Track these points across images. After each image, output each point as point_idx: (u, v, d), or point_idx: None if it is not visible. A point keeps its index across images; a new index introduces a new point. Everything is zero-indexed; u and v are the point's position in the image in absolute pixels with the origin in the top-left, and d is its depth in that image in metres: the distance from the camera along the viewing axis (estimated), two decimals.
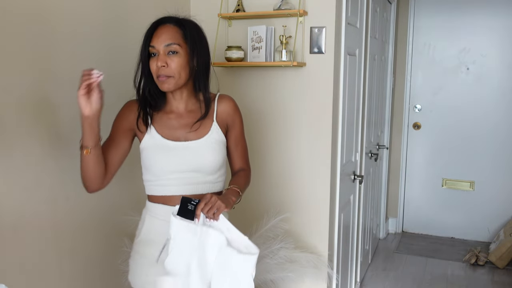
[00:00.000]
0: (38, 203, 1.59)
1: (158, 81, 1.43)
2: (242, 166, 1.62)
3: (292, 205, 2.33)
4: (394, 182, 4.38)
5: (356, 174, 2.84)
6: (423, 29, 4.17)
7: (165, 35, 1.41)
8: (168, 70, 1.40)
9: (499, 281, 3.45)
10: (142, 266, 1.49)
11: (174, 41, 1.41)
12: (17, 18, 1.47)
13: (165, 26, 1.43)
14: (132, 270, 1.53)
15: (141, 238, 1.52)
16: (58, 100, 1.65)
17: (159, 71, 1.41)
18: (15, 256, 1.52)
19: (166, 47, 1.40)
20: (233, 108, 1.57)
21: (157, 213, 1.49)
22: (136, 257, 1.52)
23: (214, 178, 1.51)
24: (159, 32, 1.42)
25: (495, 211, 4.09)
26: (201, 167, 1.47)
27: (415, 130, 4.29)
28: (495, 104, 4.01)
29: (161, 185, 1.47)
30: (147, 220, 1.52)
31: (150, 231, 1.50)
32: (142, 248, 1.50)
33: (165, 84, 1.42)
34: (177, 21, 1.44)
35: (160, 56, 1.40)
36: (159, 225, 1.46)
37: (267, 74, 2.31)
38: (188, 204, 1.33)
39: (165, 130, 1.48)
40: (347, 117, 2.49)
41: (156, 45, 1.41)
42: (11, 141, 1.47)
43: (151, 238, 1.48)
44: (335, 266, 2.43)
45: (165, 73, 1.40)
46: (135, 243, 1.54)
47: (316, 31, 2.18)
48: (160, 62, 1.40)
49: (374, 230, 3.88)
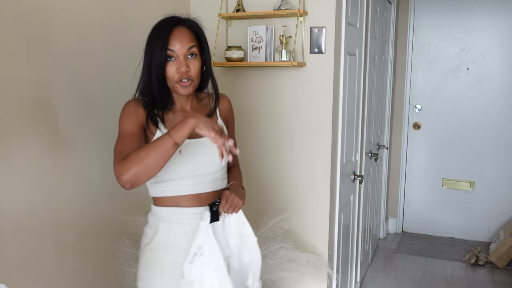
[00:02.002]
0: (38, 203, 1.59)
1: (178, 85, 1.40)
2: (234, 162, 1.66)
3: (292, 205, 2.33)
4: (394, 182, 4.38)
5: (356, 174, 2.84)
6: (423, 29, 4.17)
7: (186, 38, 1.39)
8: (190, 74, 1.39)
9: (499, 281, 3.45)
10: (153, 274, 1.47)
11: (193, 44, 1.40)
12: (17, 18, 1.47)
13: (181, 29, 1.40)
14: (143, 278, 1.49)
15: (154, 245, 1.47)
16: (58, 100, 1.65)
17: (182, 76, 1.38)
18: (15, 256, 1.52)
19: (187, 50, 1.39)
20: (230, 105, 1.63)
21: (171, 217, 1.46)
22: (148, 265, 1.48)
23: (222, 174, 1.53)
24: (177, 35, 1.38)
25: (495, 211, 4.10)
26: (213, 163, 1.47)
27: (415, 130, 4.29)
28: (495, 104, 4.01)
29: (174, 185, 1.45)
30: (162, 227, 1.47)
31: (166, 238, 1.46)
32: (155, 255, 1.47)
33: (187, 89, 1.41)
34: (189, 23, 1.43)
35: (181, 60, 1.38)
36: (176, 229, 1.45)
37: (267, 74, 2.31)
38: (214, 207, 1.41)
39: None
40: (347, 117, 2.49)
41: (176, 49, 1.37)
42: (11, 141, 1.47)
43: (169, 244, 1.46)
44: (335, 266, 2.43)
45: (189, 77, 1.39)
46: (144, 250, 1.50)
47: (316, 31, 2.18)
48: (184, 67, 1.38)
49: (374, 230, 3.88)
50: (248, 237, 1.45)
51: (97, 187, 1.86)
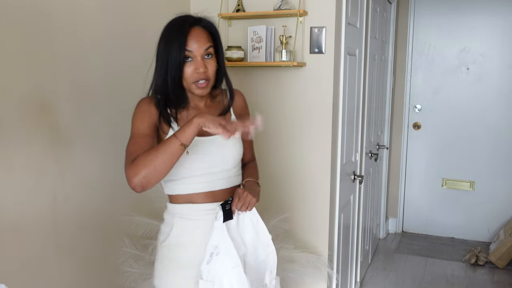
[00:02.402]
0: (38, 203, 1.59)
1: (195, 86, 1.39)
2: (250, 158, 1.66)
3: (292, 205, 2.33)
4: (394, 182, 4.38)
5: (356, 174, 2.84)
6: (423, 29, 4.17)
7: (203, 39, 1.38)
8: (208, 74, 1.39)
9: (499, 281, 3.45)
10: (170, 270, 1.48)
11: (210, 44, 1.40)
12: (18, 18, 1.47)
13: (198, 29, 1.39)
14: (160, 275, 1.51)
15: (169, 241, 1.49)
16: (58, 100, 1.65)
17: (199, 76, 1.38)
18: (15, 256, 1.52)
19: (205, 51, 1.38)
20: (244, 101, 1.62)
21: (185, 214, 1.47)
22: (165, 262, 1.49)
23: (236, 171, 1.53)
24: (195, 35, 1.37)
25: (495, 211, 4.09)
26: (227, 160, 1.47)
27: (415, 130, 4.29)
28: (495, 104, 4.01)
29: (187, 183, 1.45)
30: (177, 223, 1.48)
31: (182, 234, 1.48)
32: (171, 252, 1.48)
33: (204, 90, 1.41)
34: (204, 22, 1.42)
35: (199, 61, 1.37)
36: (190, 226, 1.46)
37: (267, 74, 2.31)
38: (226, 206, 1.41)
39: None
40: (347, 117, 2.49)
41: (194, 49, 1.37)
42: (11, 141, 1.47)
43: (183, 241, 1.47)
44: (335, 266, 2.43)
45: (206, 78, 1.39)
46: (161, 247, 1.51)
47: (316, 31, 2.18)
48: (202, 68, 1.37)
49: (374, 230, 3.88)
50: (263, 234, 1.46)
51: (97, 187, 1.86)
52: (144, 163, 1.26)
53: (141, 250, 1.92)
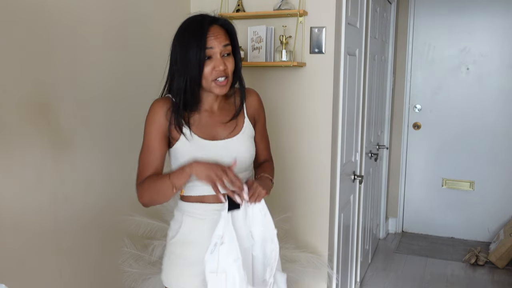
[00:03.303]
0: (38, 203, 1.59)
1: (215, 84, 1.38)
2: (266, 158, 1.65)
3: (292, 205, 2.33)
4: (394, 182, 4.38)
5: (356, 174, 2.84)
6: (423, 29, 4.17)
7: (222, 37, 1.37)
8: (227, 72, 1.38)
9: (499, 281, 3.45)
10: (177, 266, 1.49)
11: (228, 42, 1.39)
12: (18, 17, 1.47)
13: (216, 27, 1.38)
14: (167, 270, 1.52)
15: (178, 238, 1.49)
16: (58, 100, 1.65)
17: (219, 74, 1.37)
18: (15, 256, 1.52)
19: (224, 48, 1.37)
20: (259, 101, 1.58)
21: (195, 213, 1.47)
22: (172, 258, 1.50)
23: (247, 173, 1.52)
24: (214, 33, 1.36)
25: (495, 211, 4.09)
26: (239, 164, 1.45)
27: (415, 130, 4.29)
28: (495, 104, 4.01)
29: (198, 185, 1.44)
30: (186, 221, 1.48)
31: (190, 232, 1.48)
32: (179, 249, 1.49)
33: (224, 88, 1.40)
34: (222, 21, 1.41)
35: (218, 58, 1.36)
36: (198, 224, 1.46)
37: (267, 74, 2.31)
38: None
39: (201, 130, 1.44)
40: (347, 117, 2.49)
41: (215, 46, 1.35)
42: (11, 141, 1.47)
43: (191, 239, 1.47)
44: (335, 266, 2.43)
45: (226, 75, 1.38)
46: (169, 244, 1.52)
47: (316, 31, 2.18)
48: (222, 66, 1.36)
49: (374, 230, 3.88)
50: (269, 229, 1.45)
51: (97, 187, 1.86)
52: (147, 189, 1.40)
53: (141, 250, 1.93)
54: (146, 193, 1.40)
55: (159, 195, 1.39)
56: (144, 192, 1.40)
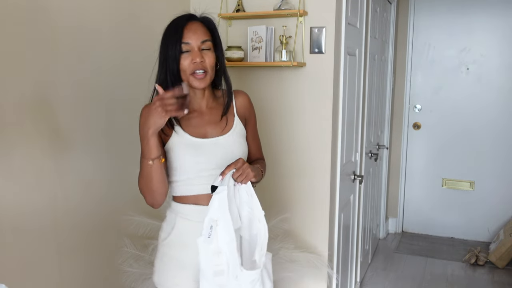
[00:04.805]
0: (38, 203, 1.59)
1: (193, 77, 1.40)
2: (258, 157, 1.66)
3: (292, 205, 2.33)
4: (394, 182, 4.38)
5: (356, 174, 2.84)
6: (423, 29, 4.17)
7: (200, 32, 1.40)
8: (205, 65, 1.40)
9: (499, 281, 3.45)
10: (170, 268, 1.48)
11: (208, 38, 1.42)
12: (18, 17, 1.47)
13: (195, 23, 1.42)
14: (159, 271, 1.51)
15: (170, 240, 1.49)
16: (58, 100, 1.65)
17: (196, 66, 1.39)
18: (15, 256, 1.52)
19: (202, 43, 1.40)
20: (249, 102, 1.61)
21: (188, 215, 1.47)
22: (165, 259, 1.50)
23: None
24: (191, 28, 1.40)
25: (495, 211, 4.10)
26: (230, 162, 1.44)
27: (415, 130, 4.29)
28: (495, 104, 4.01)
29: (192, 184, 1.45)
30: (178, 223, 1.48)
31: (182, 234, 1.47)
32: (172, 251, 1.49)
33: (202, 81, 1.41)
34: (203, 18, 1.45)
35: (195, 51, 1.39)
36: (192, 227, 1.45)
37: (267, 74, 2.31)
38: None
39: (191, 129, 1.46)
40: (347, 117, 2.49)
41: (191, 41, 1.39)
42: (11, 141, 1.47)
43: (183, 240, 1.47)
44: (335, 266, 2.43)
45: (203, 68, 1.39)
46: (161, 245, 1.51)
47: (316, 31, 2.18)
48: (199, 58, 1.38)
49: (374, 230, 3.88)
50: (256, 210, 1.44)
51: (97, 187, 1.86)
52: (142, 188, 1.40)
53: (141, 250, 1.93)
54: (143, 191, 1.41)
55: (146, 179, 1.36)
56: (142, 192, 1.41)
